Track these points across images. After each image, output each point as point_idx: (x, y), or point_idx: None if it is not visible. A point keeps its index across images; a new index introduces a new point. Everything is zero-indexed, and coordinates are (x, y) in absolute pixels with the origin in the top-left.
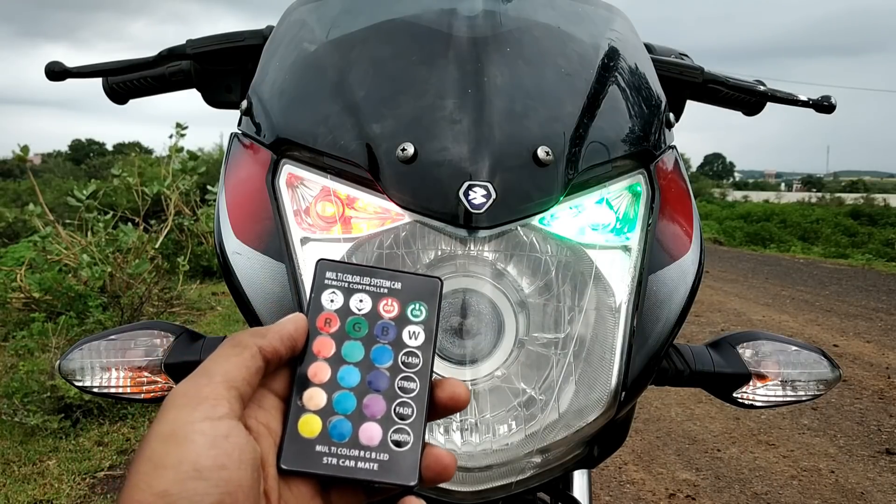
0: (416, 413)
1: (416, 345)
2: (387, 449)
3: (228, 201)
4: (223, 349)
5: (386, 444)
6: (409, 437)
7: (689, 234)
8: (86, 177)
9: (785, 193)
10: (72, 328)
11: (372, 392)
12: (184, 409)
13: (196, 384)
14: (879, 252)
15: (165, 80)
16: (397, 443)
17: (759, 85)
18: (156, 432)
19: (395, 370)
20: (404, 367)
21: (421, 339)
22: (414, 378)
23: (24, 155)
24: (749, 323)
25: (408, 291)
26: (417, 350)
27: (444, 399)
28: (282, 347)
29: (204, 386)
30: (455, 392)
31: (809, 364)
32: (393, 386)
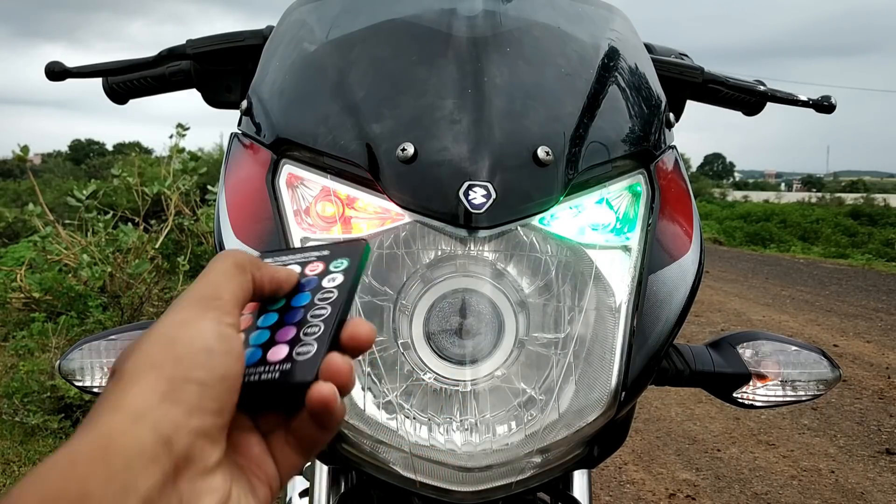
0: (323, 329)
1: (332, 285)
2: (290, 360)
3: (228, 201)
4: (226, 266)
5: (290, 357)
6: (311, 347)
7: (689, 234)
8: (86, 177)
9: (785, 193)
10: (72, 328)
11: (285, 325)
12: (196, 310)
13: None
14: (879, 252)
15: (165, 80)
16: (300, 353)
17: (759, 85)
18: (166, 321)
19: (310, 306)
20: (318, 302)
21: (338, 280)
22: (325, 307)
23: (24, 155)
24: (749, 323)
25: (333, 254)
26: (334, 288)
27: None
28: (267, 287)
29: (214, 298)
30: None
31: (809, 364)
32: (305, 317)
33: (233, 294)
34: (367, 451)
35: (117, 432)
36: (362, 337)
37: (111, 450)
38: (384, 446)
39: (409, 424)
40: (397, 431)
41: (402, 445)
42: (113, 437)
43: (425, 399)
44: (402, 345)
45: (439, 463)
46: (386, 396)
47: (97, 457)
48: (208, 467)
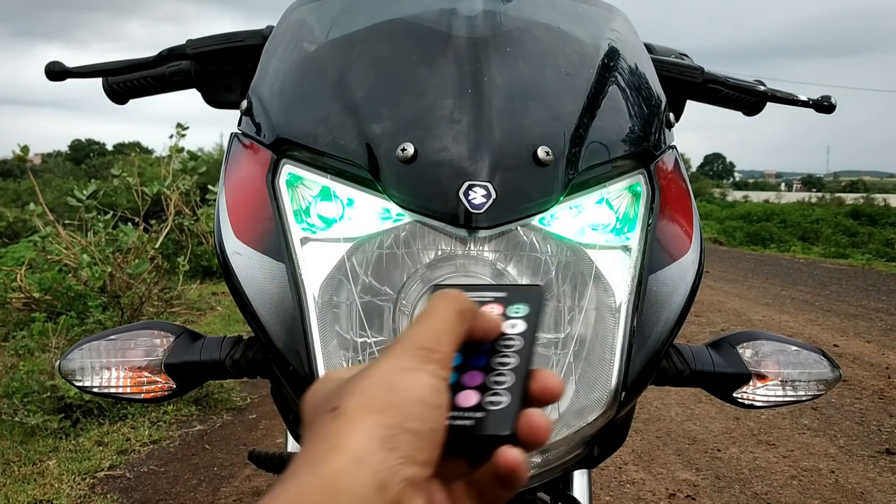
0: (515, 381)
1: (514, 332)
2: (482, 409)
3: (228, 201)
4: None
5: (481, 406)
6: (505, 398)
7: (689, 233)
8: (86, 177)
9: (785, 193)
10: (72, 328)
11: (471, 369)
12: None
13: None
14: (879, 252)
15: (165, 80)
16: (493, 402)
17: (759, 85)
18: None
19: (493, 352)
20: (502, 349)
21: (520, 328)
22: (511, 355)
23: (24, 155)
24: (749, 323)
25: (510, 297)
26: (516, 335)
27: (537, 391)
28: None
29: (434, 350)
30: (547, 383)
31: (809, 364)
32: (489, 363)
33: (451, 346)
34: None
35: (341, 474)
36: (554, 390)
37: (335, 491)
38: None
39: None
40: None
41: None
42: (337, 479)
43: None
44: None
45: None
46: None
47: (323, 498)
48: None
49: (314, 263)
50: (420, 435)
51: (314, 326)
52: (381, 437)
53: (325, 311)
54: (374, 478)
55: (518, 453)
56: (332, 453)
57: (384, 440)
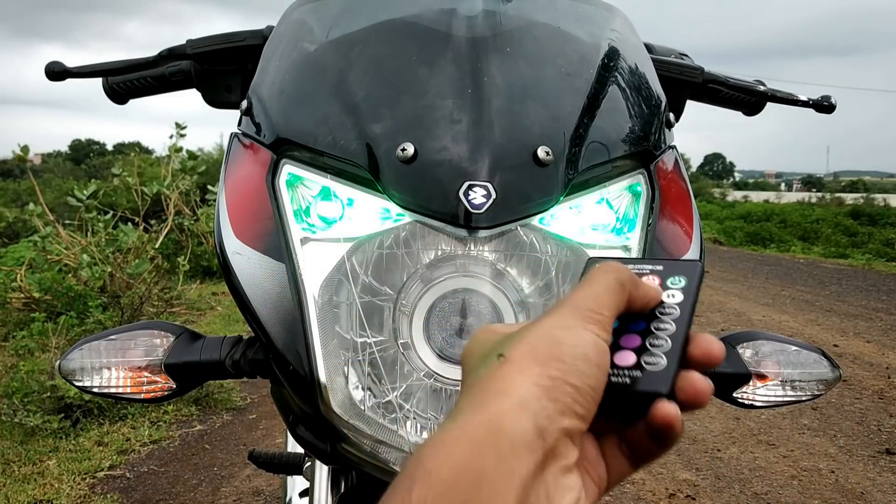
0: (672, 344)
1: (673, 302)
2: (640, 368)
3: (228, 201)
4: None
5: (639, 365)
6: (662, 360)
7: (689, 233)
8: (86, 177)
9: (785, 193)
10: (72, 328)
11: (629, 332)
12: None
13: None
14: (879, 252)
15: (165, 80)
16: (650, 363)
17: (759, 85)
18: (553, 322)
19: (651, 317)
20: (661, 316)
21: (679, 298)
22: (669, 322)
23: (24, 155)
24: (749, 323)
25: (668, 270)
26: (675, 305)
27: (698, 354)
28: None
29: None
30: (709, 348)
31: (809, 364)
32: (648, 327)
33: (612, 312)
34: (367, 451)
35: (506, 415)
36: (716, 354)
37: (501, 433)
38: (384, 446)
39: (409, 424)
40: (397, 431)
41: (402, 445)
42: (501, 419)
43: (425, 399)
44: (402, 345)
45: None
46: (386, 396)
47: (490, 439)
48: (569, 466)
49: (314, 263)
50: (580, 389)
51: (314, 326)
52: (545, 387)
53: (325, 311)
54: (534, 423)
55: (675, 409)
56: (498, 395)
57: (547, 390)
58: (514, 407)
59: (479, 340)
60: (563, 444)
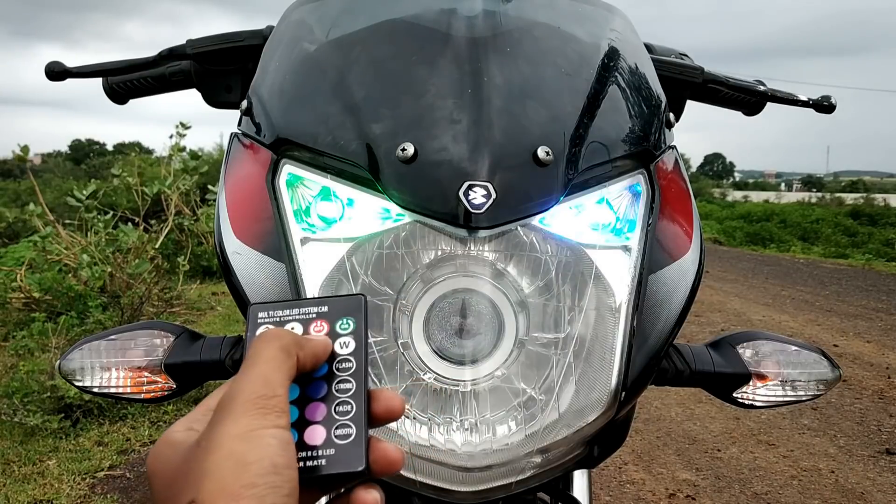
0: (356, 408)
1: (347, 352)
2: (332, 444)
3: (228, 201)
4: (273, 352)
5: (331, 441)
6: (351, 430)
7: (689, 234)
8: (86, 177)
9: (785, 193)
10: (72, 328)
11: (312, 400)
12: (255, 416)
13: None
14: (879, 252)
15: (165, 80)
16: (341, 437)
17: (759, 85)
18: (230, 433)
19: (331, 376)
20: (339, 372)
21: (351, 346)
22: (349, 379)
23: (25, 155)
24: (749, 323)
25: (334, 311)
26: (350, 356)
27: (380, 412)
28: (309, 365)
29: (270, 397)
30: (390, 405)
31: (809, 364)
32: (331, 390)
33: (285, 387)
34: None
35: None
36: (396, 410)
37: None
38: None
39: (409, 424)
40: (397, 431)
41: (402, 445)
42: None
43: (425, 399)
44: (402, 345)
45: (439, 463)
46: None
47: None
48: None
49: (314, 263)
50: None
51: None
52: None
53: None
54: None
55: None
56: None
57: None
58: None
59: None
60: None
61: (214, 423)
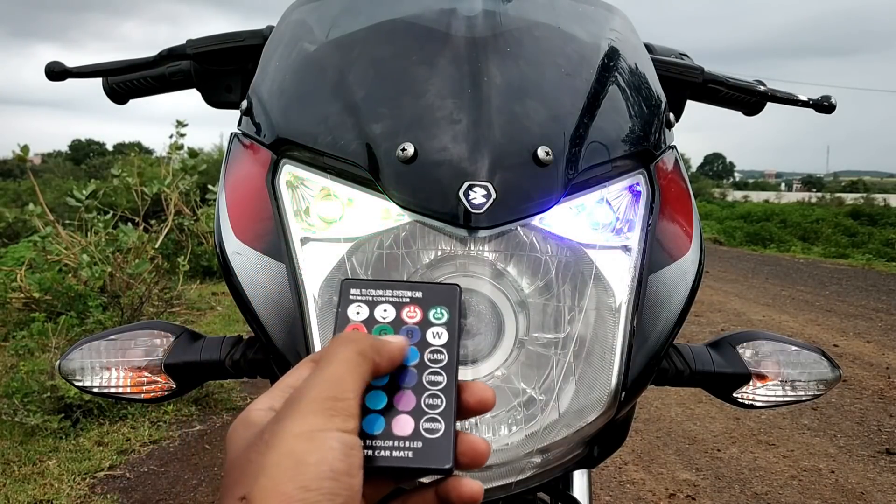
0: (446, 403)
1: (439, 343)
2: (420, 437)
3: (228, 201)
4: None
5: (419, 433)
6: (440, 424)
7: (689, 234)
8: (86, 177)
9: (785, 193)
10: (72, 328)
11: (402, 388)
12: (321, 417)
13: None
14: (879, 252)
15: (165, 80)
16: (429, 430)
17: (759, 85)
18: (292, 431)
19: (422, 367)
20: (430, 364)
21: (444, 338)
22: (440, 372)
23: (24, 155)
24: (749, 323)
25: (428, 298)
26: (442, 348)
27: (472, 403)
28: (385, 369)
29: (339, 400)
30: (483, 396)
31: (809, 364)
32: (421, 381)
33: (357, 392)
34: None
35: None
36: (488, 402)
37: None
38: None
39: None
40: None
41: None
42: None
43: None
44: None
45: None
46: None
47: None
48: None
49: (314, 263)
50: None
51: (314, 326)
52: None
53: (325, 311)
54: None
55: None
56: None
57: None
58: None
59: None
60: None
61: (278, 419)
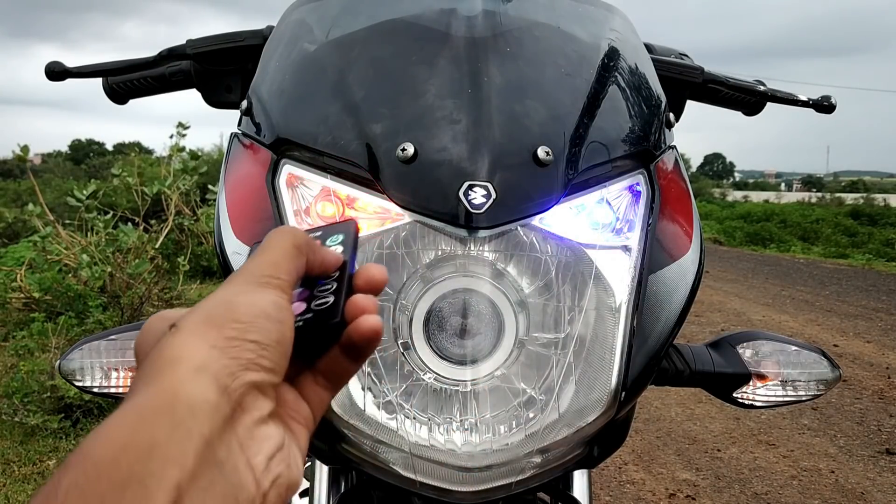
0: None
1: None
2: (310, 311)
3: (228, 201)
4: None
5: (309, 309)
6: (329, 299)
7: (689, 233)
8: (86, 177)
9: (785, 193)
10: (72, 328)
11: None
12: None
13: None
14: (879, 252)
15: (165, 80)
16: (320, 304)
17: (759, 85)
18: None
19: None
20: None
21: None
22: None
23: (25, 155)
24: (749, 323)
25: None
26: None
27: (361, 283)
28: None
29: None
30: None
31: (809, 364)
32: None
33: (290, 276)
34: (367, 451)
35: (181, 383)
36: (377, 278)
37: (176, 400)
38: (384, 446)
39: (409, 424)
40: (397, 431)
41: (402, 445)
42: (178, 389)
43: (425, 399)
44: (401, 345)
45: (439, 463)
46: (386, 396)
47: (163, 408)
48: (262, 417)
49: None
50: (262, 344)
51: None
52: (222, 348)
53: None
54: (215, 383)
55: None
56: (171, 365)
57: (224, 350)
58: (189, 372)
59: (150, 330)
60: (252, 397)
61: (217, 290)
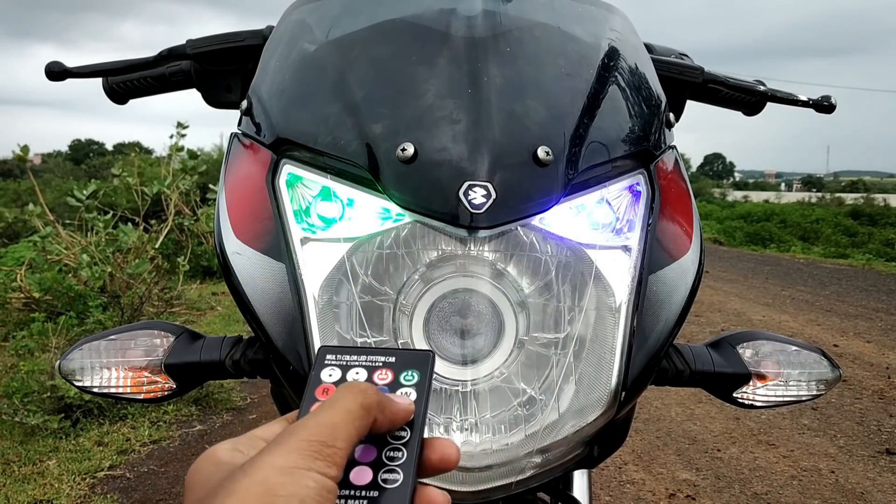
0: (407, 456)
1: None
2: (377, 487)
3: (228, 201)
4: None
5: (376, 483)
6: (398, 476)
7: (689, 234)
8: (86, 177)
9: (785, 193)
10: (72, 328)
11: (363, 443)
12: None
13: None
14: (879, 252)
15: (165, 80)
16: (386, 481)
17: (759, 85)
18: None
19: None
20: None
21: (413, 397)
22: (404, 427)
23: (25, 155)
24: (749, 323)
25: (401, 363)
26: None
27: (434, 460)
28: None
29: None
30: (445, 452)
31: (809, 364)
32: (384, 437)
33: (348, 443)
34: None
35: None
36: (451, 459)
37: None
38: None
39: None
40: None
41: None
42: None
43: None
44: (402, 345)
45: None
46: None
47: None
48: None
49: (314, 263)
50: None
51: (314, 326)
52: None
53: (325, 311)
54: None
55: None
56: None
57: None
58: None
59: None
60: None
61: (262, 452)
